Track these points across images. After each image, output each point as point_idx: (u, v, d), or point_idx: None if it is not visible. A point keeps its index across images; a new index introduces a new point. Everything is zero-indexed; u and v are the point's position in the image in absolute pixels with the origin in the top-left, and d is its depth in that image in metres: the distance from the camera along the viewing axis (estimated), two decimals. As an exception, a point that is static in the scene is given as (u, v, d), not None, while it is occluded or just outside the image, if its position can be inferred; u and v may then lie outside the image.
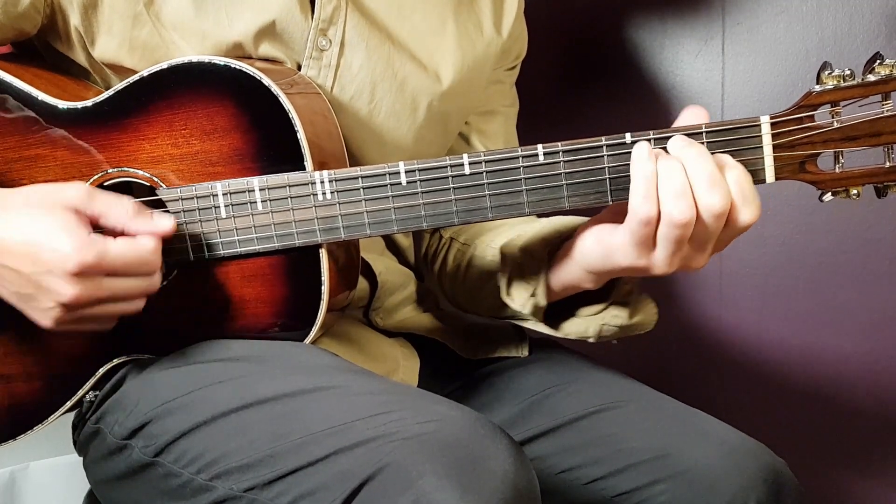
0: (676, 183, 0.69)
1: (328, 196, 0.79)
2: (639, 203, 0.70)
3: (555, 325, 0.88)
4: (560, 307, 0.88)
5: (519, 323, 0.92)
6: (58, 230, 0.71)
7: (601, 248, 0.77)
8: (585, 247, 0.79)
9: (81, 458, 0.90)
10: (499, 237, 0.94)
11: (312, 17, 0.86)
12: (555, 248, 0.85)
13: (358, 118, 0.90)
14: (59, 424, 0.88)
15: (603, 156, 0.75)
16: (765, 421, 1.32)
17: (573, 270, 0.82)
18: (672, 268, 0.73)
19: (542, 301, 0.85)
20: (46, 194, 0.74)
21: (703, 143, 0.74)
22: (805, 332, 1.29)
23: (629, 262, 0.74)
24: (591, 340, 0.87)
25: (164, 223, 0.77)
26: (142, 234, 0.75)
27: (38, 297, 0.73)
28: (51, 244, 0.71)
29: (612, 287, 0.85)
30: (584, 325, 0.87)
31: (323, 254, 0.81)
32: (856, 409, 1.29)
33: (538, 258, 0.85)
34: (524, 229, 0.91)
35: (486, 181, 0.77)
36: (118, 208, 0.75)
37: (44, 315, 0.75)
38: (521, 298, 0.86)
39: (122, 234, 0.75)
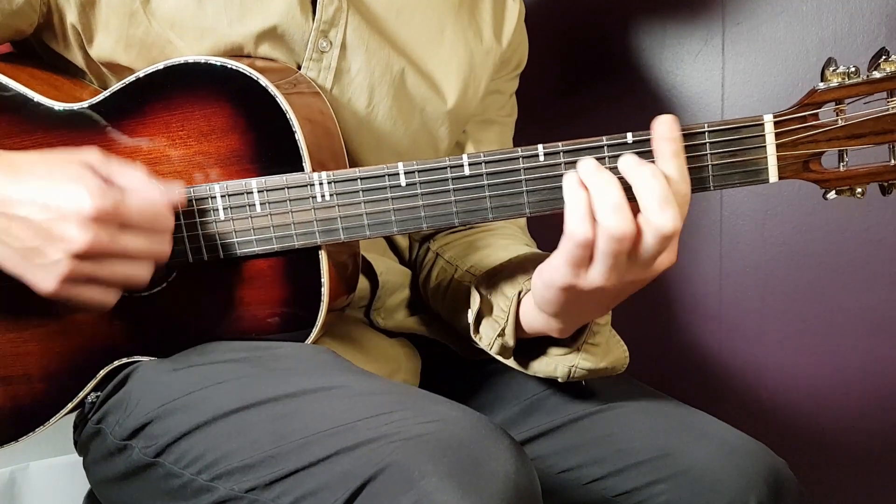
0: (613, 198, 0.68)
1: (327, 197, 0.78)
2: (575, 224, 0.69)
3: (524, 362, 0.86)
4: (533, 344, 0.86)
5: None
6: (74, 178, 0.71)
7: (544, 276, 0.74)
8: (540, 274, 0.76)
9: (82, 459, 0.90)
10: (479, 263, 0.92)
11: (314, 19, 0.86)
12: (526, 289, 0.82)
13: (355, 120, 0.90)
14: (60, 424, 0.88)
15: (604, 156, 0.74)
16: (765, 421, 1.32)
17: (535, 314, 0.79)
18: (608, 283, 0.71)
19: (509, 342, 0.83)
20: (64, 153, 0.74)
21: (705, 142, 0.73)
22: (805, 332, 1.29)
23: (565, 281, 0.72)
24: (560, 380, 0.85)
25: (175, 193, 0.76)
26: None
27: (45, 249, 0.70)
28: (67, 188, 0.70)
29: (585, 328, 0.82)
30: (553, 364, 0.84)
31: (322, 255, 0.80)
32: (856, 409, 1.29)
33: (508, 297, 0.83)
34: (501, 255, 0.88)
35: (486, 182, 0.76)
36: (132, 173, 0.74)
37: (48, 273, 0.71)
38: (487, 339, 0.84)
39: None
